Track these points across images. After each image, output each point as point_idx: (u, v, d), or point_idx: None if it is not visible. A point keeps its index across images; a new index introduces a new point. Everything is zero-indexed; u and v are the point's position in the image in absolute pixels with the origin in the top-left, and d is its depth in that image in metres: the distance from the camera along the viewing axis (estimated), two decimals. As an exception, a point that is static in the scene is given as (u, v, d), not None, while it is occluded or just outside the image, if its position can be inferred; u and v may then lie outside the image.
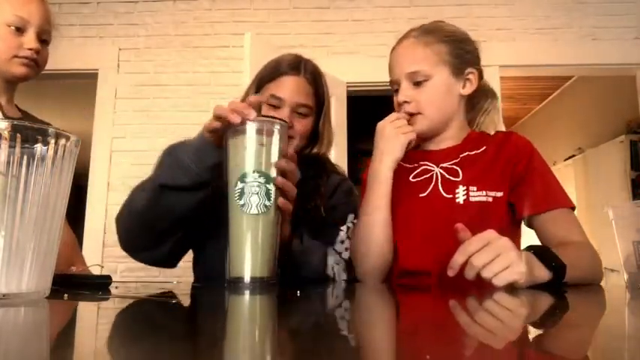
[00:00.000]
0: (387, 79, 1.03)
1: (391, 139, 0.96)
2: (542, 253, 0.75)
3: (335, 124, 2.48)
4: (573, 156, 4.17)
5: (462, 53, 1.00)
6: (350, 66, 2.69)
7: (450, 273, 0.73)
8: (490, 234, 0.72)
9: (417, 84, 0.97)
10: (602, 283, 0.88)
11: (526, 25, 2.72)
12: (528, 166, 0.95)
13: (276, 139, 0.74)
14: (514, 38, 2.71)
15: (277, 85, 1.04)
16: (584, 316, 0.46)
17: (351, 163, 2.84)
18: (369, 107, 2.43)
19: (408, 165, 1.04)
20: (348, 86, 2.63)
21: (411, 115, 0.98)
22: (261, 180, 0.72)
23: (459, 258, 0.72)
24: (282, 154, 0.75)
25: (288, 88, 1.03)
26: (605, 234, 1.04)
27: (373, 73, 2.65)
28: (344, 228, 1.04)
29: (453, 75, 0.99)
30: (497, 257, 0.69)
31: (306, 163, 1.04)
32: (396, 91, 1.01)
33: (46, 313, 0.41)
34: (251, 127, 0.73)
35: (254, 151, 0.72)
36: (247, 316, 0.44)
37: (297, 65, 1.06)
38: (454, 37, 1.01)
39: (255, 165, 0.72)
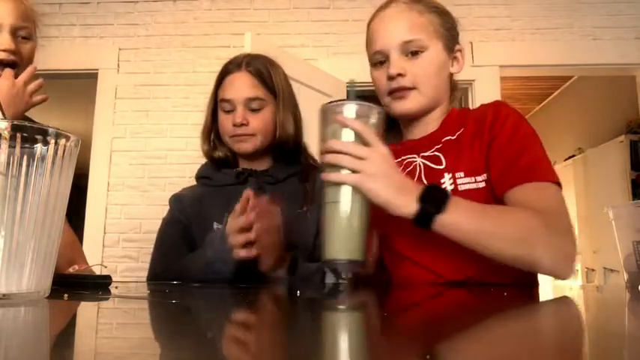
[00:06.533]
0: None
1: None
2: (433, 190, 0.71)
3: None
4: (573, 156, 4.17)
5: (451, 27, 0.89)
6: (350, 66, 2.68)
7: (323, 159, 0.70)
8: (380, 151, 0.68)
9: (412, 54, 0.84)
10: (600, 283, 0.87)
11: (526, 25, 2.72)
12: (497, 130, 0.80)
13: None
14: (514, 38, 2.70)
15: (223, 88, 1.04)
16: (584, 316, 0.46)
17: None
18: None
19: None
20: (348, 86, 2.62)
21: (404, 90, 0.85)
22: None
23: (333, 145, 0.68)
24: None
25: (233, 87, 1.03)
26: (605, 234, 1.04)
27: (373, 73, 2.65)
28: None
29: (445, 50, 0.87)
30: (362, 160, 0.66)
31: (284, 161, 1.05)
32: (381, 63, 0.88)
33: (46, 313, 0.41)
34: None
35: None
36: (248, 316, 0.44)
37: (240, 62, 1.05)
38: (441, 9, 0.89)
39: None
